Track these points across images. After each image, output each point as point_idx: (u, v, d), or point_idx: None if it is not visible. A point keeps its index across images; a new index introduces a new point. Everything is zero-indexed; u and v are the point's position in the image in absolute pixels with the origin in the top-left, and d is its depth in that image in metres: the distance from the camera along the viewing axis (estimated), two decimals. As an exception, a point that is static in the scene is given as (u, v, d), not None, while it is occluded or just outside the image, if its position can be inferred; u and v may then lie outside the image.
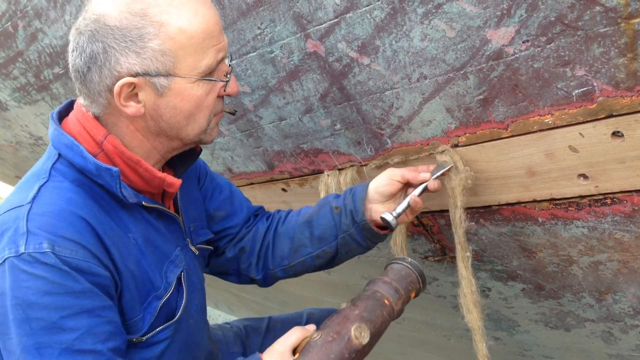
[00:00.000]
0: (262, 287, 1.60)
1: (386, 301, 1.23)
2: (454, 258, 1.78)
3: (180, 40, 1.09)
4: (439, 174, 1.38)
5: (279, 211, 1.61)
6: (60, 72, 2.08)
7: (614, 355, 1.76)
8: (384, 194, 1.41)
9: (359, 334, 1.13)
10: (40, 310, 1.02)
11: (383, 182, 1.41)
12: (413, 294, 1.30)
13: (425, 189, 1.40)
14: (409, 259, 1.34)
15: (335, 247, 1.47)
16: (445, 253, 1.80)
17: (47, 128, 2.49)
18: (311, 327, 1.22)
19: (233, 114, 1.35)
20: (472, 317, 1.47)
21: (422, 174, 1.40)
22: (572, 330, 1.76)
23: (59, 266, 1.03)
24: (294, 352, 1.18)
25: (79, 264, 1.05)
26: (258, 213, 1.62)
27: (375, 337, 1.18)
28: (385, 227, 1.44)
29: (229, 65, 1.22)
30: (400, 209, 1.40)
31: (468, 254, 1.47)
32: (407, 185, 1.43)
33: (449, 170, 1.39)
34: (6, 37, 2.11)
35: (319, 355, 1.10)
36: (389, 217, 1.39)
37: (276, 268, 1.54)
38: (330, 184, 1.71)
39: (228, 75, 1.20)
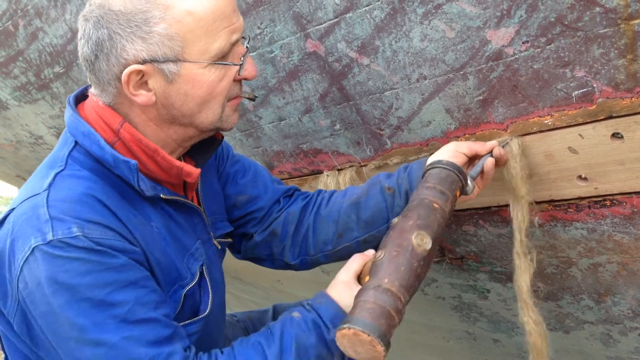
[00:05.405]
0: (298, 271, 1.51)
1: (435, 205, 1.17)
2: (452, 259, 1.79)
3: (188, 23, 1.03)
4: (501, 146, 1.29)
5: (320, 191, 1.50)
6: (61, 71, 2.08)
7: (613, 358, 1.76)
8: None
9: (421, 241, 1.10)
10: (85, 291, 1.00)
11: (448, 154, 1.27)
12: (458, 193, 1.23)
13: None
14: (445, 160, 1.23)
15: (386, 231, 1.34)
16: (444, 254, 1.79)
17: (47, 127, 2.49)
18: (370, 252, 1.17)
19: (253, 99, 1.26)
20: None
21: (488, 143, 1.29)
22: (571, 332, 1.76)
23: (92, 247, 1.01)
24: (358, 279, 1.15)
25: (112, 243, 1.03)
26: (291, 193, 1.50)
27: (436, 241, 1.14)
28: None
29: (246, 46, 1.15)
30: (474, 172, 1.25)
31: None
32: (472, 159, 1.31)
33: (508, 143, 1.29)
34: (7, 36, 2.11)
35: (387, 271, 1.06)
36: (468, 180, 1.23)
37: (318, 254, 1.43)
38: (329, 184, 1.71)
39: (242, 58, 1.12)
